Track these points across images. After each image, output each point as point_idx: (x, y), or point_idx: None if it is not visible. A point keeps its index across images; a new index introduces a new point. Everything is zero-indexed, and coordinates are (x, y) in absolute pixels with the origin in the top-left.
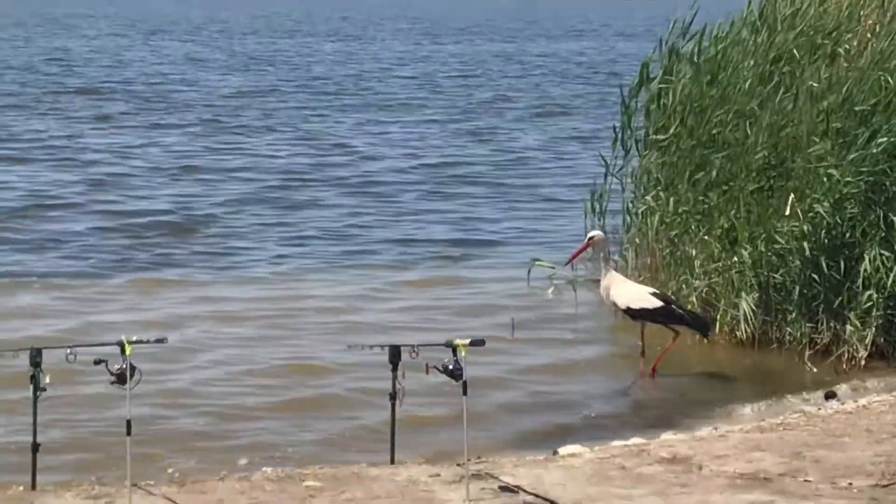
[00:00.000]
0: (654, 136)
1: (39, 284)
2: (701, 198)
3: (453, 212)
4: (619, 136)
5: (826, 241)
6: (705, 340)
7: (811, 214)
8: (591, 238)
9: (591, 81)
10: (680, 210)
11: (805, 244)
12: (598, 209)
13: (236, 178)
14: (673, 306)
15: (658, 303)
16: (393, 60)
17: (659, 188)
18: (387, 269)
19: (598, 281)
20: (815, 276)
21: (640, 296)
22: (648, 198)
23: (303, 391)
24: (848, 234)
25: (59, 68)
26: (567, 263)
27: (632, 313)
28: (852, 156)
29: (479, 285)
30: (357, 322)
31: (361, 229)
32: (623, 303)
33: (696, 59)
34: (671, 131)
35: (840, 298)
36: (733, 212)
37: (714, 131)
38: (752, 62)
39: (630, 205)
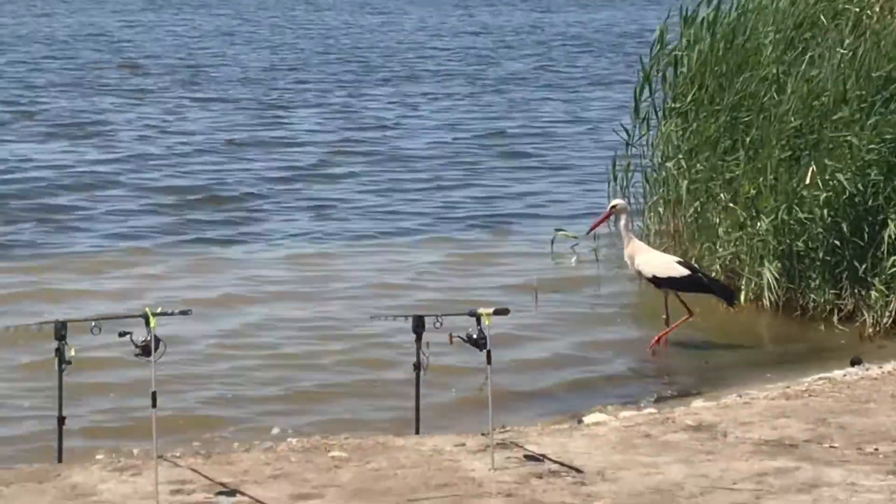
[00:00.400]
0: (672, 104)
1: (76, 260)
2: (726, 164)
3: (482, 183)
4: (637, 104)
5: (849, 207)
6: (730, 308)
7: (833, 182)
8: (613, 206)
9: (624, 51)
10: (704, 177)
11: (826, 212)
12: (619, 178)
13: (271, 152)
14: (699, 274)
15: (684, 271)
16: (423, 32)
17: (680, 155)
18: (415, 241)
19: (621, 249)
20: (839, 243)
21: (667, 264)
22: (669, 165)
23: (328, 363)
24: (871, 201)
25: (90, 44)
26: (589, 232)
27: (657, 282)
28: (871, 121)
29: (503, 255)
30: (384, 293)
31: (392, 201)
32: (649, 271)
33: (713, 26)
34: (689, 98)
35: (864, 265)
36: (761, 179)
37: (738, 96)
38: (773, 28)
39: (653, 173)
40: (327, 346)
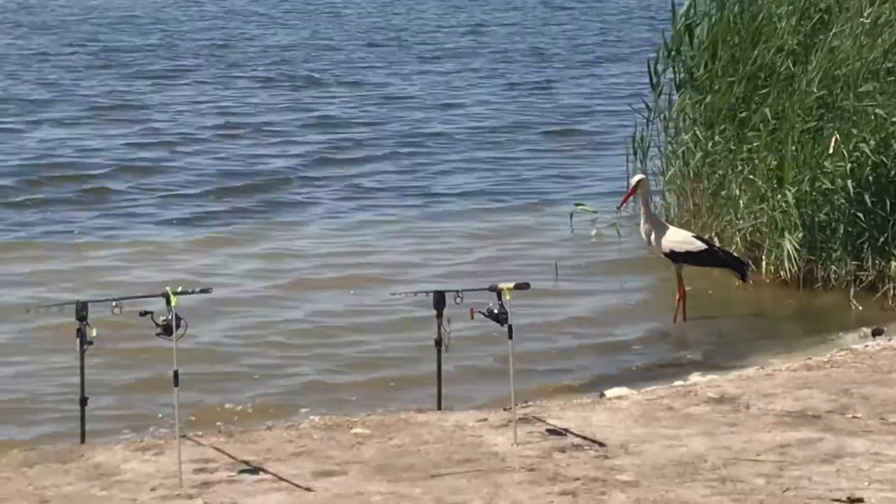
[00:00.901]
0: (686, 75)
1: (112, 242)
2: (749, 135)
3: (501, 160)
4: (652, 78)
5: (871, 179)
6: (744, 282)
7: (857, 153)
8: (638, 181)
9: (659, 24)
10: (722, 149)
11: (850, 183)
12: (640, 153)
13: (307, 133)
14: (714, 248)
15: (701, 245)
16: (454, 9)
17: (696, 128)
18: (434, 218)
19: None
20: (861, 215)
21: (685, 239)
22: (686, 137)
23: (350, 340)
24: (893, 173)
25: (124, 25)
26: (619, 207)
27: (674, 257)
28: None
29: (523, 231)
30: (412, 272)
31: (421, 181)
32: (667, 246)
33: None
34: (702, 70)
35: (886, 235)
36: (783, 150)
37: (753, 66)
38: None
39: (669, 147)
40: (350, 323)
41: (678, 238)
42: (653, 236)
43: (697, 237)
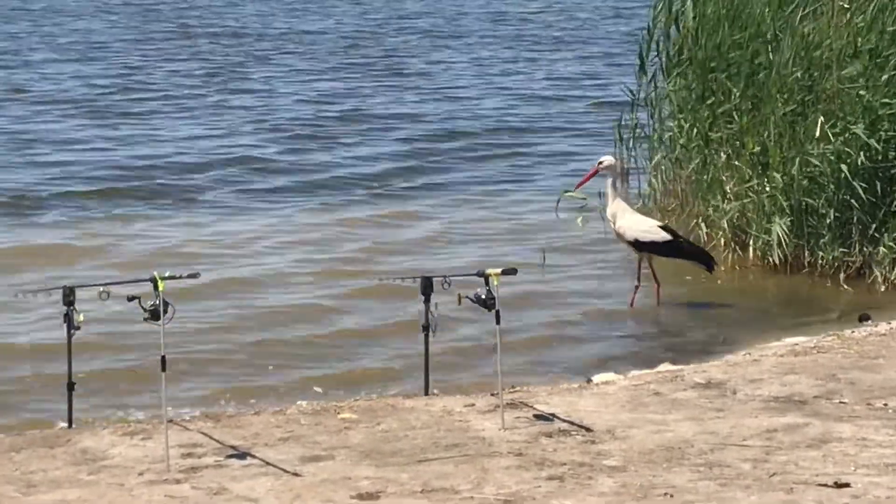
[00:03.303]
0: (671, 61)
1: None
2: (720, 120)
3: (491, 147)
4: (642, 62)
5: (861, 163)
6: (710, 273)
7: (845, 137)
8: (600, 163)
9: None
10: (701, 134)
11: (841, 167)
12: (624, 138)
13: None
14: (679, 240)
15: (666, 236)
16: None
17: (680, 115)
18: (422, 202)
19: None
20: (849, 199)
21: (649, 228)
22: (672, 123)
23: (336, 325)
24: (881, 157)
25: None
26: (576, 189)
27: (638, 245)
28: (886, 76)
29: (511, 217)
30: (390, 255)
31: (400, 166)
32: (632, 235)
33: None
34: (685, 55)
35: (873, 221)
36: (765, 135)
37: (730, 54)
38: None
39: (654, 132)
40: (338, 308)
41: (644, 227)
42: (618, 223)
43: (663, 227)
